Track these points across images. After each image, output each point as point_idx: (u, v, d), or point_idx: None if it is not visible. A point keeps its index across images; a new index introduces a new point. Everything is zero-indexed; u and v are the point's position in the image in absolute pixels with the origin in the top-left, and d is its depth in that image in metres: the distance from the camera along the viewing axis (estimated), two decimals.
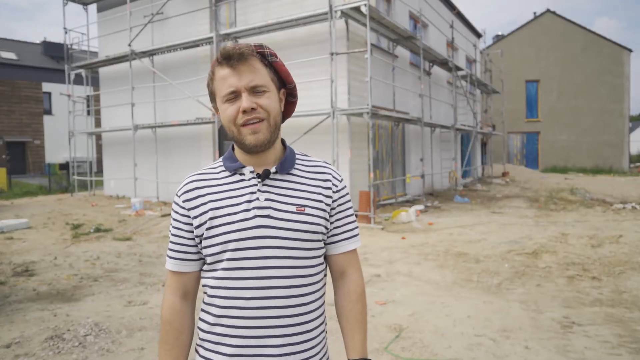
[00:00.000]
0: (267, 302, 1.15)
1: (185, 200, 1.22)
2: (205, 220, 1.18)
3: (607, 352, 3.50)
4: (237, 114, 1.17)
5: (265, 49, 1.21)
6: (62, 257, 6.90)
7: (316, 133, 10.46)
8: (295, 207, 1.20)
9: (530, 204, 12.67)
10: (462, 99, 18.18)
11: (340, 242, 1.30)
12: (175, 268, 1.23)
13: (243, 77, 1.16)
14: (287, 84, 1.28)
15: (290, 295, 1.17)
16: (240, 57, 1.16)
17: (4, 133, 25.86)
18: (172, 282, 1.25)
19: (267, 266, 1.16)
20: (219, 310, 1.17)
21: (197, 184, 1.24)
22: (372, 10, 9.69)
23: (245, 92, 1.16)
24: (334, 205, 1.28)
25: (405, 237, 8.20)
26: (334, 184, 1.30)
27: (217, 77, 1.19)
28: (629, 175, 25.07)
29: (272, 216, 1.17)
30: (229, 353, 1.16)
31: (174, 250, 1.24)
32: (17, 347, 3.64)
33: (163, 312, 1.24)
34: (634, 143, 45.67)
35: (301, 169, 1.28)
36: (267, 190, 1.21)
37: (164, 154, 13.67)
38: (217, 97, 1.21)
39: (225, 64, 1.17)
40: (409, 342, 3.72)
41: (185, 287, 1.24)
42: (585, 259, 6.36)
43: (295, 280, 1.18)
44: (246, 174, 1.23)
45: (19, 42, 30.26)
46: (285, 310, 1.16)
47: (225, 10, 12.77)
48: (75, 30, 15.98)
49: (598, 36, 27.70)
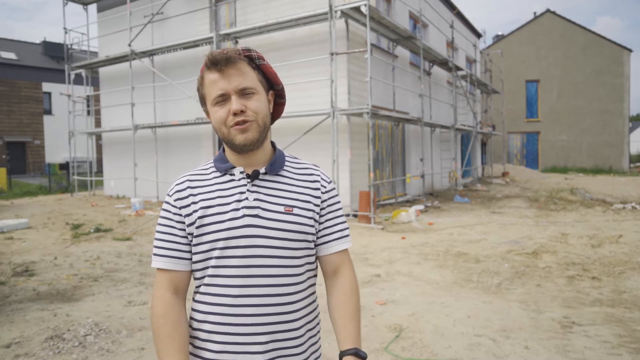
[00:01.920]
0: (253, 300, 1.17)
1: (177, 199, 1.25)
2: (195, 219, 1.21)
3: (607, 352, 3.50)
4: (227, 116, 1.20)
5: (252, 52, 1.24)
6: (62, 257, 6.90)
7: (316, 133, 10.46)
8: (283, 208, 1.23)
9: (530, 204, 12.67)
10: (462, 99, 18.19)
11: (331, 242, 1.31)
12: (166, 266, 1.22)
13: (232, 80, 1.19)
14: (275, 85, 1.31)
15: (276, 294, 1.19)
16: (228, 61, 1.18)
17: (4, 133, 25.87)
18: (162, 280, 1.23)
19: (254, 265, 1.18)
20: (207, 307, 1.20)
21: (188, 184, 1.27)
22: (372, 10, 9.70)
23: (235, 94, 1.19)
24: (323, 206, 1.30)
25: (405, 237, 8.20)
26: (322, 184, 1.32)
27: (206, 81, 1.22)
28: (629, 175, 25.08)
29: (261, 216, 1.20)
30: (216, 350, 1.18)
31: (165, 248, 1.24)
32: (17, 347, 3.64)
33: (155, 308, 1.21)
34: (633, 143, 45.68)
35: (290, 171, 1.31)
36: (256, 190, 1.23)
37: (164, 154, 13.67)
38: (207, 101, 1.24)
39: (213, 68, 1.20)
40: (409, 342, 3.72)
41: (177, 285, 1.24)
42: (585, 259, 6.36)
43: (282, 279, 1.20)
44: (236, 174, 1.25)
45: (19, 42, 30.26)
46: (271, 309, 1.18)
47: (225, 10, 12.77)
48: (75, 30, 15.99)
49: (598, 36, 27.70)
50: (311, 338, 1.28)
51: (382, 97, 11.62)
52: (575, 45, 27.98)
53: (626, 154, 27.31)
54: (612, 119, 27.25)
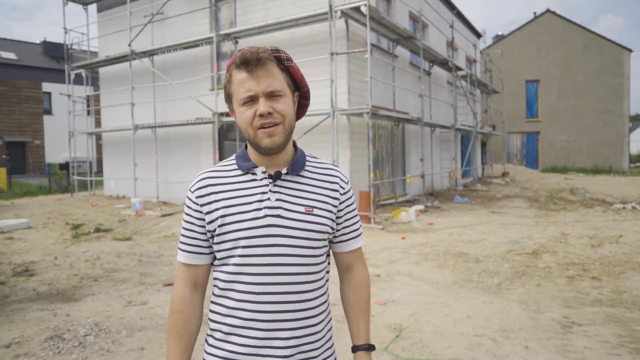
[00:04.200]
0: (276, 298, 1.21)
1: (198, 196, 1.27)
2: (217, 217, 1.23)
3: (607, 352, 3.50)
4: (253, 117, 1.20)
5: (282, 54, 1.25)
6: (62, 257, 6.90)
7: (316, 133, 10.46)
8: (304, 208, 1.25)
9: (530, 204, 12.67)
10: (462, 99, 18.18)
11: (347, 241, 1.38)
12: (187, 260, 1.29)
13: (261, 82, 1.19)
14: (301, 87, 1.32)
15: (297, 291, 1.23)
16: (258, 62, 1.19)
17: (4, 133, 25.87)
18: (183, 274, 1.30)
19: (276, 263, 1.21)
20: (233, 302, 1.23)
21: (210, 180, 1.28)
22: (372, 10, 9.70)
23: (263, 96, 1.19)
24: (341, 207, 1.34)
25: (405, 237, 8.20)
26: (341, 186, 1.35)
27: (234, 80, 1.23)
28: (628, 175, 25.07)
29: (282, 216, 1.23)
30: (240, 343, 1.22)
31: (186, 243, 1.29)
32: (17, 347, 3.64)
33: (173, 302, 1.29)
34: (634, 143, 45.69)
35: (311, 171, 1.33)
36: (277, 190, 1.25)
37: (164, 154, 13.67)
38: (233, 100, 1.25)
39: (243, 68, 1.20)
40: (409, 342, 3.72)
41: (196, 279, 1.30)
42: (585, 259, 6.36)
43: (302, 277, 1.24)
44: (258, 174, 1.27)
45: (19, 42, 30.27)
46: (292, 306, 1.22)
47: (225, 10, 12.77)
48: (75, 30, 15.98)
49: (598, 36, 27.70)
50: (328, 332, 1.33)
51: (382, 97, 11.62)
52: (575, 45, 27.98)
53: (626, 154, 27.31)
54: (612, 119, 27.25)
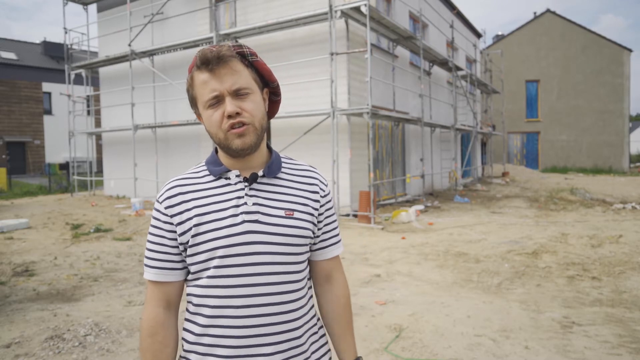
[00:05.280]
0: (258, 310, 1.11)
1: (167, 206, 1.16)
2: (190, 227, 1.13)
3: (607, 352, 3.50)
4: (222, 119, 1.12)
5: (244, 49, 1.16)
6: (62, 257, 6.90)
7: (316, 133, 10.46)
8: (284, 212, 1.17)
9: (530, 204, 12.67)
10: (462, 99, 18.19)
11: (327, 247, 1.29)
12: (157, 278, 1.16)
13: (224, 80, 1.11)
14: (270, 83, 1.24)
15: (280, 302, 1.14)
16: (219, 60, 1.10)
17: (4, 133, 25.87)
18: (154, 293, 1.18)
19: (256, 272, 1.12)
20: (207, 320, 1.12)
21: (180, 189, 1.18)
22: (372, 10, 9.70)
23: (229, 95, 1.11)
24: (321, 211, 1.26)
25: (405, 237, 8.20)
26: (321, 188, 1.27)
27: (196, 82, 1.15)
28: (628, 175, 25.07)
29: (261, 221, 1.14)
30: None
31: (156, 259, 1.17)
32: (17, 347, 3.64)
33: (144, 326, 1.16)
34: (634, 143, 45.70)
35: (288, 173, 1.25)
36: (254, 194, 1.17)
37: (164, 154, 13.67)
38: (198, 103, 1.16)
39: (204, 68, 1.12)
40: (409, 342, 3.72)
41: (169, 297, 1.18)
42: (585, 259, 6.36)
43: (285, 286, 1.15)
44: (232, 178, 1.18)
45: (19, 42, 30.27)
46: (275, 317, 1.13)
47: (225, 10, 12.77)
48: (75, 30, 15.99)
49: (598, 36, 27.71)
50: (313, 344, 1.24)
51: (382, 97, 11.62)
52: (575, 45, 27.98)
53: (626, 154, 27.31)
54: (612, 119, 27.25)
